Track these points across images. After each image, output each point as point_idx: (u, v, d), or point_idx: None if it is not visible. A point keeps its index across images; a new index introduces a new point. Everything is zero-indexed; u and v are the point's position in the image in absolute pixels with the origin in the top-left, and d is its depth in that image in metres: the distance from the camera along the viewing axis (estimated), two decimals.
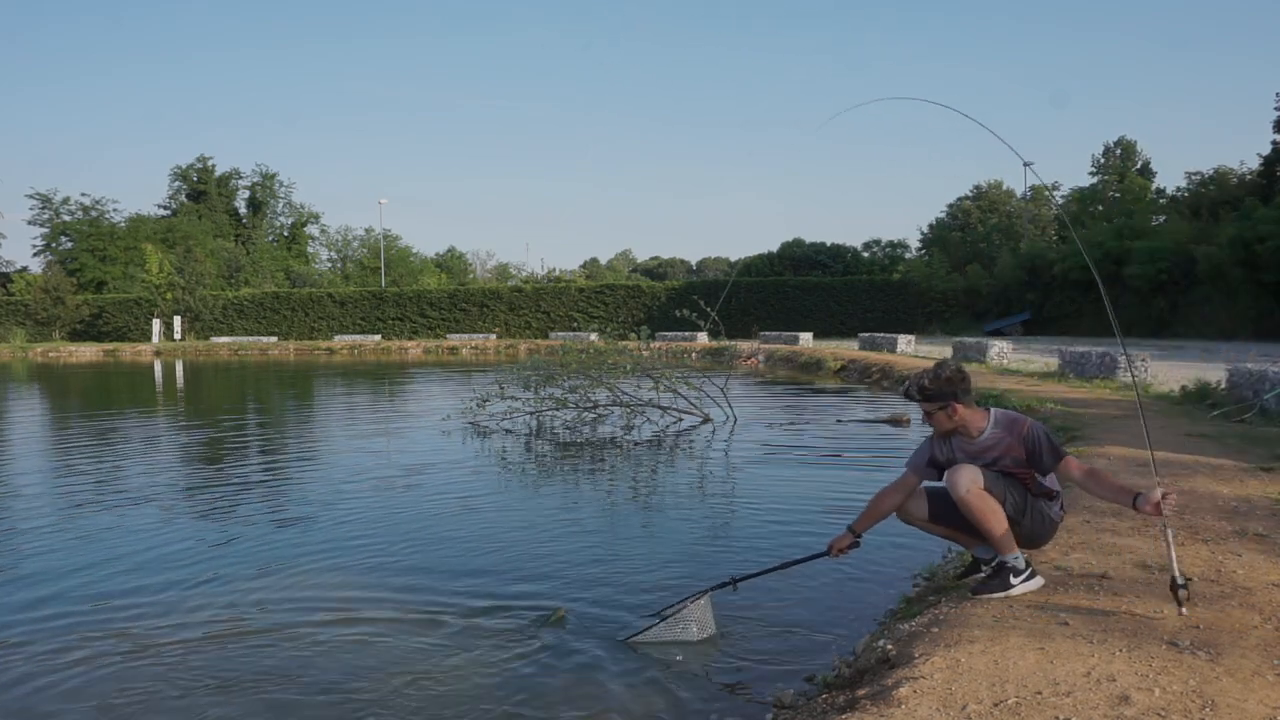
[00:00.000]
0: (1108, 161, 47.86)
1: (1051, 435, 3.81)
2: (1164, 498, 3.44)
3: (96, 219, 57.95)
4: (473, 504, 7.24)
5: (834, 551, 4.04)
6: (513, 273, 71.56)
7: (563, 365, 12.89)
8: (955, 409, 3.78)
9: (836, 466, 9.02)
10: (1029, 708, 2.65)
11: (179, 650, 4.24)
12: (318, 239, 67.19)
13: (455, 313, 46.82)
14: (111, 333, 48.40)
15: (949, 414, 3.79)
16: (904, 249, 52.54)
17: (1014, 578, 3.74)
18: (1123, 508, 3.72)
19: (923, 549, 5.65)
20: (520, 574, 5.31)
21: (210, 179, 63.96)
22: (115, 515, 6.97)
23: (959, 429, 3.83)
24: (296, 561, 5.64)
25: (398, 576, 5.29)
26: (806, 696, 3.50)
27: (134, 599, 4.97)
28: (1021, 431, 3.75)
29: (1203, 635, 3.17)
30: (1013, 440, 3.75)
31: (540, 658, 4.08)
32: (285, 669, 4.01)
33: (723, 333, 17.53)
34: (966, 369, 3.92)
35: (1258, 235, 25.34)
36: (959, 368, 3.86)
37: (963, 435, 3.84)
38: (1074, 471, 3.72)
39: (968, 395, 3.81)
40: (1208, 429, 8.19)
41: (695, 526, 6.45)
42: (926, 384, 3.79)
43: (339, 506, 7.19)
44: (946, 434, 3.87)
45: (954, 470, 3.72)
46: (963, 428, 3.82)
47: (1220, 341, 25.20)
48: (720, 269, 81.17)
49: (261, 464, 9.76)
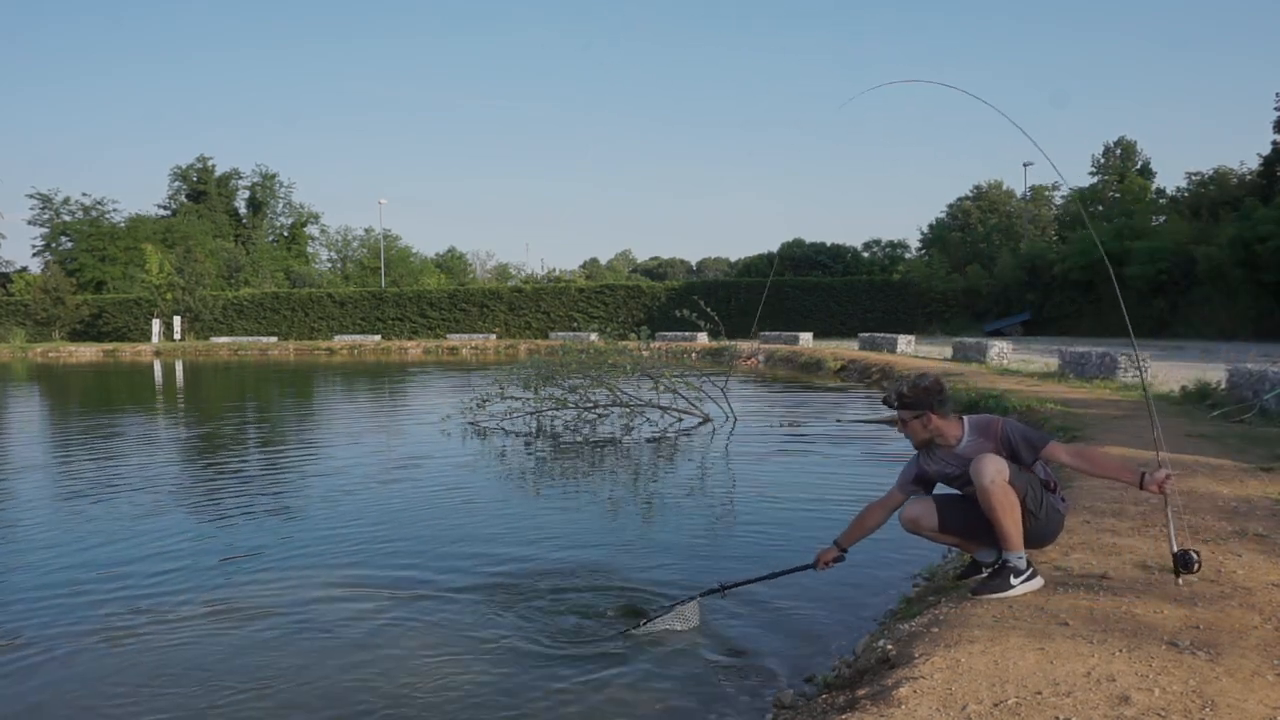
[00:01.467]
0: (1108, 161, 47.82)
1: (1026, 428, 3.83)
2: (1166, 478, 3.54)
3: (96, 219, 57.98)
4: (472, 503, 7.24)
5: (819, 564, 4.08)
6: (513, 273, 71.61)
7: (563, 365, 12.89)
8: (930, 419, 3.83)
9: (835, 467, 9.02)
10: (1029, 708, 2.65)
11: (181, 645, 4.24)
12: (318, 239, 67.28)
13: (455, 313, 46.82)
14: (111, 333, 48.39)
15: (924, 423, 3.84)
16: (904, 249, 52.56)
17: (1014, 578, 3.73)
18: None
19: (923, 549, 5.65)
20: (520, 574, 5.30)
21: (210, 179, 63.95)
22: (112, 510, 6.96)
23: (935, 439, 3.86)
24: (296, 559, 5.64)
25: (397, 574, 5.28)
26: (806, 696, 3.50)
27: (132, 595, 4.97)
28: (996, 433, 3.78)
29: (1203, 635, 3.16)
30: (990, 444, 3.77)
31: (538, 657, 4.08)
32: (283, 664, 4.01)
33: (723, 333, 17.50)
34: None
35: (1258, 235, 25.33)
36: (938, 380, 3.90)
37: (941, 446, 3.87)
38: (1061, 456, 3.72)
39: (944, 406, 3.85)
40: (1208, 429, 8.19)
41: (695, 526, 6.45)
42: (905, 391, 3.85)
43: (339, 505, 7.19)
44: (923, 444, 3.91)
45: (981, 459, 3.70)
46: (940, 437, 3.85)
47: (1220, 341, 25.20)
48: (720, 269, 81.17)
49: (260, 462, 9.76)
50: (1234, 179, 34.98)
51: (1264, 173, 32.34)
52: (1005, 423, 3.82)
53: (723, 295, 42.50)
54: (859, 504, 4.28)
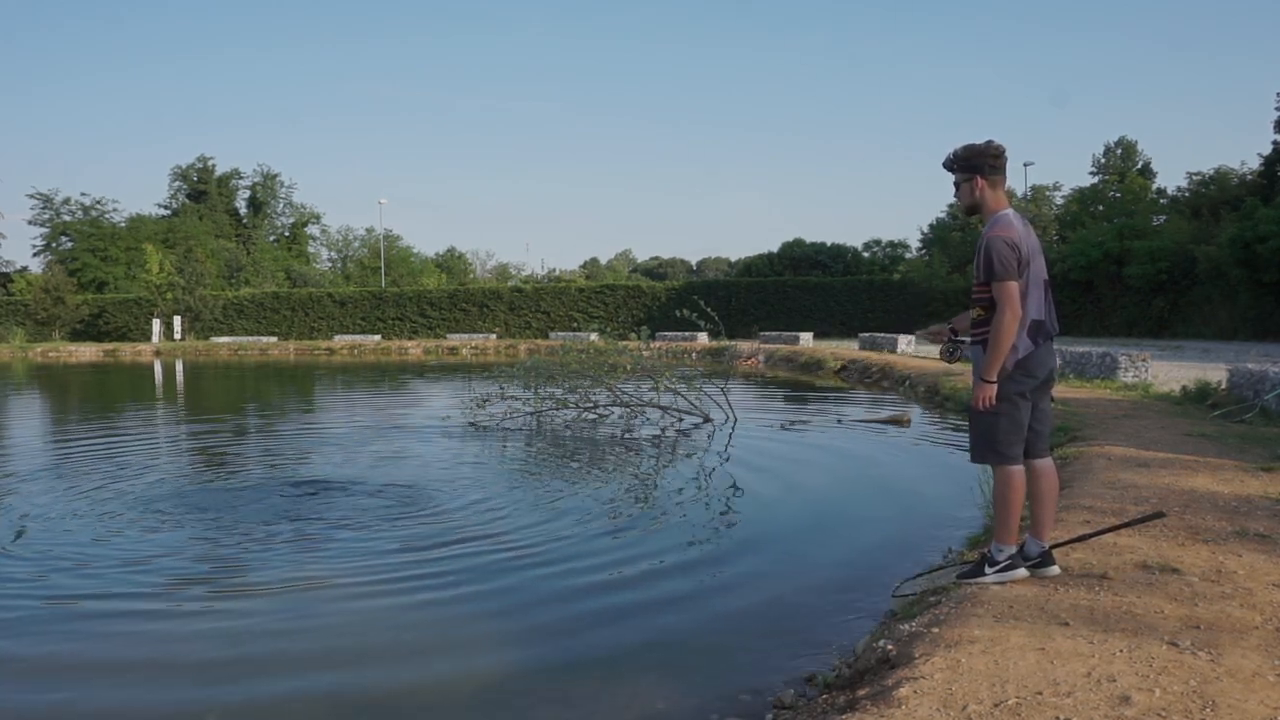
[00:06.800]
0: (1108, 161, 47.80)
1: (1003, 253, 3.60)
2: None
3: (97, 219, 57.99)
4: (472, 502, 7.23)
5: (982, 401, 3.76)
6: (513, 273, 71.64)
7: (563, 365, 12.89)
8: (979, 184, 3.78)
9: (835, 467, 9.02)
10: (1029, 708, 2.65)
11: (181, 642, 4.24)
12: (318, 239, 67.37)
13: (455, 313, 46.82)
14: (112, 333, 48.40)
15: (972, 187, 3.79)
16: (904, 249, 52.47)
17: (989, 568, 3.88)
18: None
19: (923, 549, 5.66)
20: (520, 574, 5.30)
21: (211, 179, 63.98)
22: (111, 507, 6.96)
23: (981, 209, 3.81)
24: (294, 559, 5.63)
25: (395, 573, 5.27)
26: (806, 696, 3.50)
27: (133, 596, 4.96)
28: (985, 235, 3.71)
29: (1203, 635, 3.16)
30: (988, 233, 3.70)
31: (537, 656, 4.08)
32: (281, 662, 4.01)
33: (723, 333, 17.49)
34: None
35: (1258, 235, 25.31)
36: (995, 144, 3.80)
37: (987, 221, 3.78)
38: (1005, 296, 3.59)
39: (996, 175, 3.78)
40: (1208, 429, 8.18)
41: (695, 525, 6.44)
42: (960, 151, 3.81)
43: (339, 505, 7.18)
44: (969, 209, 3.86)
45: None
46: (984, 209, 3.80)
47: (1220, 341, 25.21)
48: (720, 269, 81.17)
49: (260, 462, 9.75)
50: (1234, 179, 34.96)
51: (1264, 173, 32.31)
52: (992, 238, 3.66)
53: (723, 295, 42.51)
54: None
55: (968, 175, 3.79)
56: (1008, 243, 3.61)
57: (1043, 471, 3.88)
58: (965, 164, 3.79)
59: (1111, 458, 6.80)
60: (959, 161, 3.81)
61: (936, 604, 3.84)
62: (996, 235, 3.64)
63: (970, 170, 3.78)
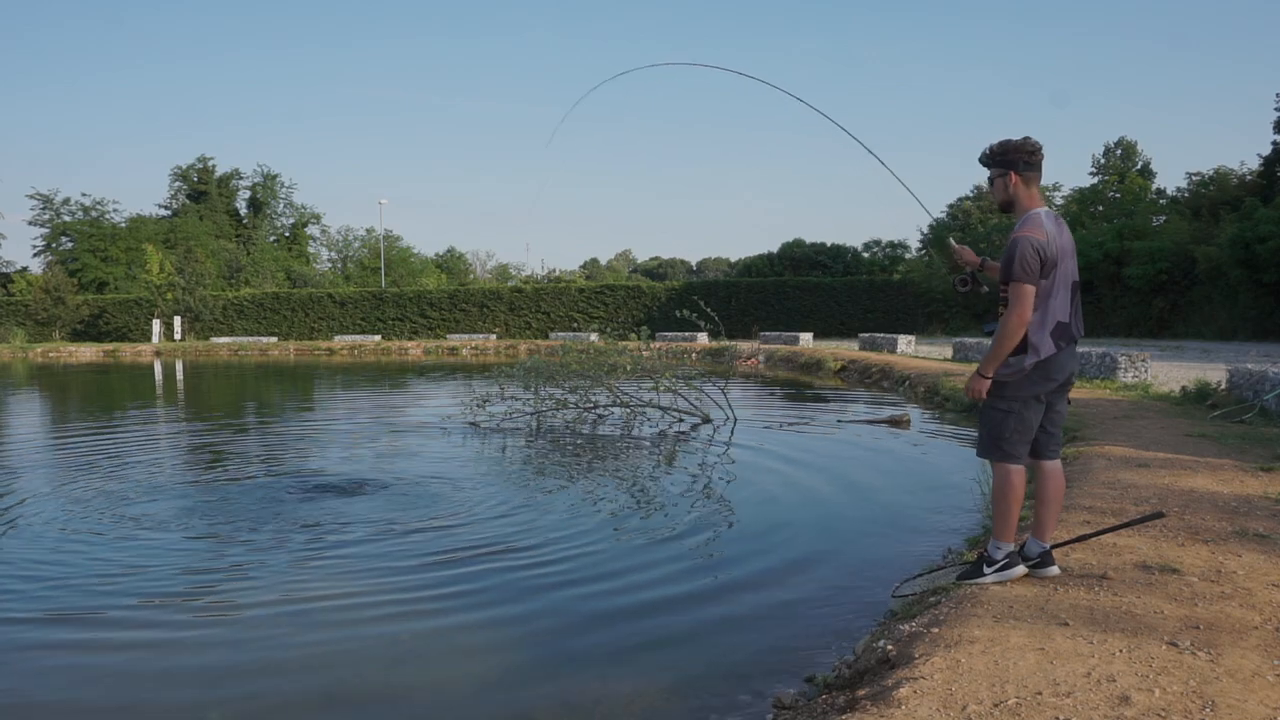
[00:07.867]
0: (1108, 161, 47.80)
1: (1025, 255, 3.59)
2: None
3: (97, 219, 57.98)
4: (472, 502, 7.23)
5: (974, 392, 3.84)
6: (513, 273, 71.62)
7: (563, 365, 12.89)
8: (1013, 180, 3.78)
9: (835, 467, 9.01)
10: (1029, 708, 2.65)
11: (180, 643, 4.24)
12: (318, 239, 67.32)
13: (455, 313, 46.82)
14: (112, 333, 48.40)
15: (1005, 183, 3.80)
16: (904, 249, 52.47)
17: (988, 568, 3.89)
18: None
19: (922, 549, 5.66)
20: (519, 573, 5.30)
21: (211, 179, 63.97)
22: (110, 506, 6.96)
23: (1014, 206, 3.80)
24: (293, 558, 5.63)
25: (394, 574, 5.28)
26: (806, 696, 3.50)
27: (130, 594, 4.97)
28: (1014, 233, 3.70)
29: (1202, 635, 3.16)
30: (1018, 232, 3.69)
31: (537, 656, 4.08)
32: (281, 662, 4.01)
33: (723, 333, 17.48)
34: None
35: (1258, 235, 25.31)
36: (1032, 141, 3.80)
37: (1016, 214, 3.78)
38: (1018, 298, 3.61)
39: (1030, 172, 3.77)
40: (1208, 429, 8.19)
41: (695, 525, 6.45)
42: (996, 146, 3.82)
43: (339, 504, 7.18)
44: (1004, 205, 3.84)
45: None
46: (1017, 205, 3.79)
47: (1220, 342, 25.21)
48: (720, 269, 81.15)
49: (259, 460, 9.75)
50: (1234, 179, 34.93)
51: (1264, 173, 32.30)
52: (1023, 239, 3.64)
53: (723, 295, 42.51)
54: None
55: (1002, 170, 3.81)
56: (1034, 245, 3.61)
57: (1050, 473, 3.90)
58: (1000, 159, 3.80)
59: (1111, 458, 6.80)
60: (994, 156, 3.82)
61: (936, 604, 3.84)
62: (1024, 235, 3.65)
63: (1005, 165, 3.79)
